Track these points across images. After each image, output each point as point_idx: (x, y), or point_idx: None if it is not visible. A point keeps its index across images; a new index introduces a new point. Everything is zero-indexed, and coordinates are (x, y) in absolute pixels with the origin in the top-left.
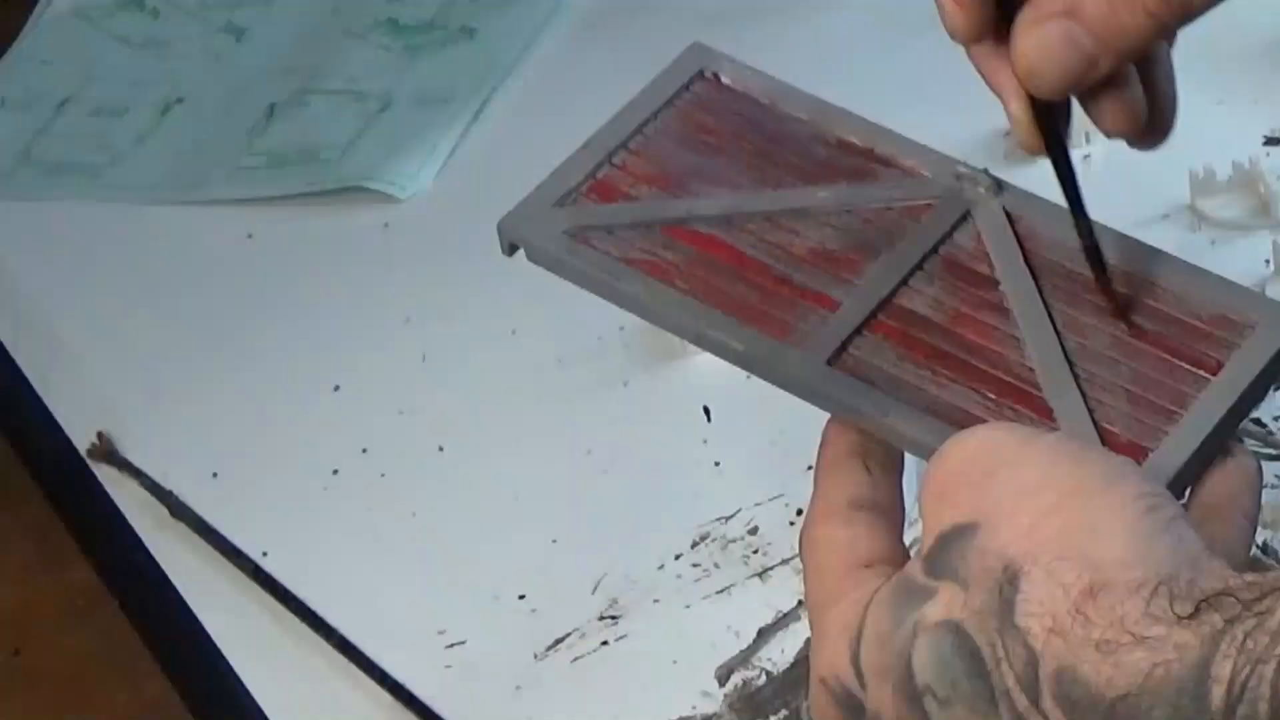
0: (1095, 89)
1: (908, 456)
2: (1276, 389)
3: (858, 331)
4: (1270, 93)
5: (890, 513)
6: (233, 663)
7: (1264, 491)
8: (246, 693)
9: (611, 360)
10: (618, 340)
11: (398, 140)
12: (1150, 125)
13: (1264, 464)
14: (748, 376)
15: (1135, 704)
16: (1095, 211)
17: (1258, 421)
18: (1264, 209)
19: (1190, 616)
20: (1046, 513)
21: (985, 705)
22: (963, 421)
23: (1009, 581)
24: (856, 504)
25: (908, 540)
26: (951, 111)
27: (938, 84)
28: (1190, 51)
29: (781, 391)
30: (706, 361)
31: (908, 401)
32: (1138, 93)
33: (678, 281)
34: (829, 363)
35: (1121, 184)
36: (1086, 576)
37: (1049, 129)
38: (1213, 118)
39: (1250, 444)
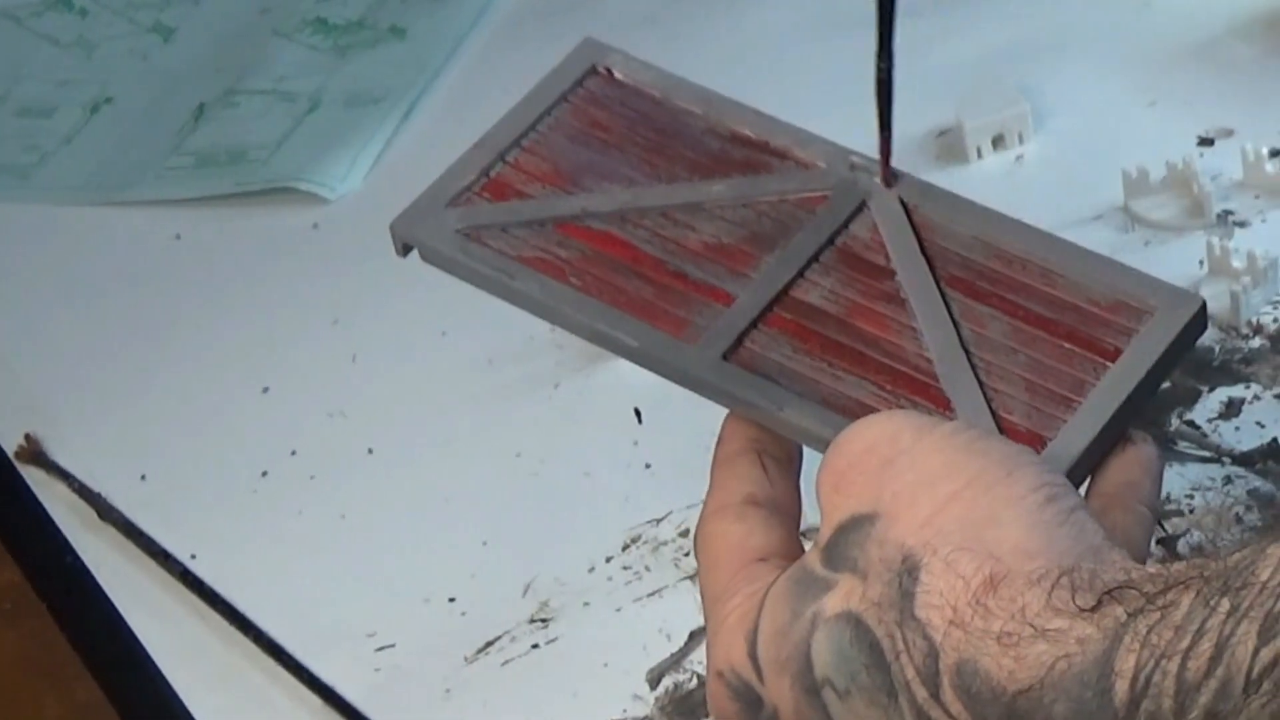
0: None
1: (808, 452)
2: (1210, 390)
3: (753, 325)
4: (1203, 93)
5: (786, 508)
6: (161, 666)
7: (1199, 494)
8: (175, 696)
9: (542, 361)
10: (549, 341)
11: (327, 140)
12: None
13: (1198, 466)
14: None
15: (1037, 697)
16: (1030, 213)
17: (1191, 424)
18: (1197, 209)
19: (1092, 609)
20: (945, 502)
21: (885, 698)
22: (859, 413)
23: (908, 573)
24: (751, 499)
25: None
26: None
27: (869, 83)
28: (1123, 53)
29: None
30: None
31: (804, 394)
32: None
33: (572, 279)
34: (724, 357)
35: (1054, 185)
36: (987, 567)
37: None
38: (1146, 118)
39: (1185, 446)
